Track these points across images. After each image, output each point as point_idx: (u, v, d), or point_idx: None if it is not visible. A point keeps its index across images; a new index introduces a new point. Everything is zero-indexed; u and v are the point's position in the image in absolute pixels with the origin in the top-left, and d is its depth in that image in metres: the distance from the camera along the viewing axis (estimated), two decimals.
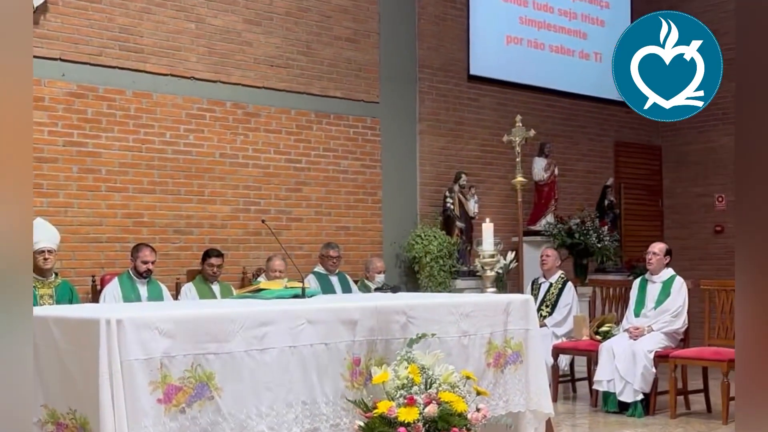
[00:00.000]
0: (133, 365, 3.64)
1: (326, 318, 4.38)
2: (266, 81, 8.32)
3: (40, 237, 6.44)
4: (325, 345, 4.34)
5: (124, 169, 7.39)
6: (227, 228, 8.02)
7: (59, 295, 6.49)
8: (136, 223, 7.45)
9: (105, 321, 3.64)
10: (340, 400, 4.33)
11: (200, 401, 3.81)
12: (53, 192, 6.98)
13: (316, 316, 4.35)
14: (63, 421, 3.79)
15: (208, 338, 3.92)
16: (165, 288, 7.14)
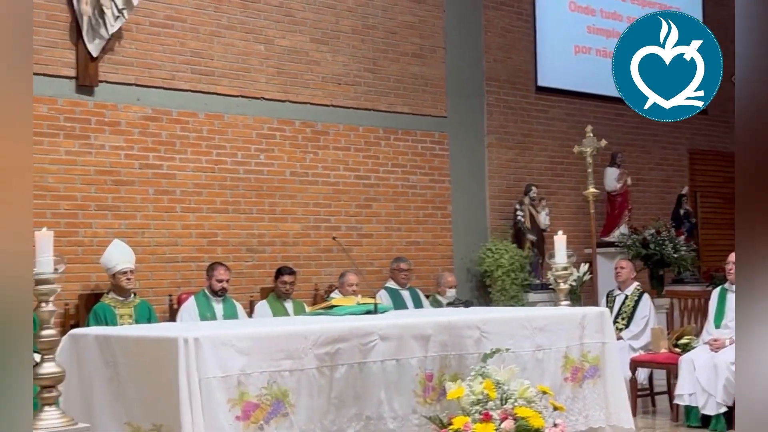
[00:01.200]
0: (212, 383, 3.71)
1: (398, 334, 4.39)
2: (334, 99, 8.41)
3: (119, 258, 6.62)
4: (396, 361, 4.35)
5: (197, 190, 7.54)
6: (299, 245, 8.10)
7: (138, 315, 6.64)
8: (210, 242, 7.58)
9: (183, 340, 3.72)
10: (412, 416, 4.33)
11: (276, 418, 3.87)
12: (131, 214, 7.16)
13: (388, 331, 4.37)
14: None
15: (282, 355, 3.97)
16: (239, 306, 7.24)
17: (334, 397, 4.07)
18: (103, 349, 4.22)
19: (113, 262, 6.62)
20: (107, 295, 6.65)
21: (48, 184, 6.73)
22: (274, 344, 3.97)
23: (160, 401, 3.79)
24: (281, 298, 7.41)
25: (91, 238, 6.92)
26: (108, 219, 7.03)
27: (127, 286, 6.61)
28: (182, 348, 3.71)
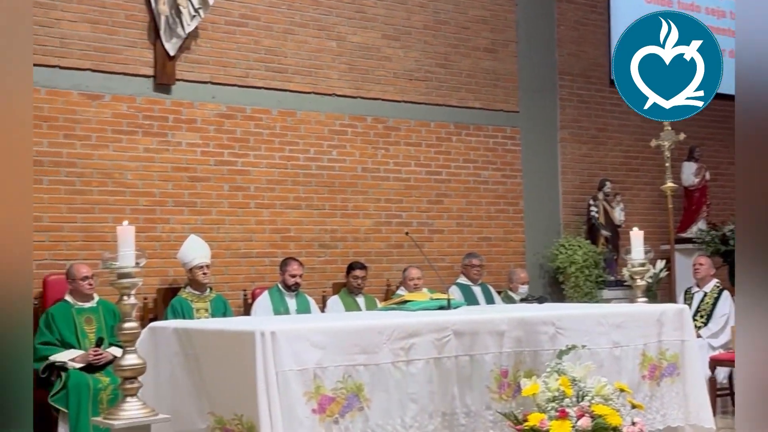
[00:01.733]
0: (288, 376, 3.74)
1: (472, 329, 4.36)
2: (405, 95, 8.41)
3: (196, 254, 6.75)
4: (470, 357, 4.32)
5: (271, 186, 7.63)
6: (370, 241, 8.13)
7: (214, 309, 6.76)
8: (283, 238, 7.67)
9: (260, 333, 3.76)
10: (486, 412, 4.30)
11: (351, 412, 3.87)
12: (206, 210, 7.29)
13: (463, 327, 4.34)
14: (229, 426, 3.93)
15: (357, 349, 3.98)
16: (312, 301, 7.31)
17: (411, 392, 4.06)
18: (182, 342, 4.30)
19: (190, 257, 6.75)
20: (184, 289, 6.79)
21: (127, 181, 6.90)
22: (349, 338, 3.98)
23: (240, 393, 3.84)
24: (353, 293, 7.46)
25: (169, 233, 7.07)
26: (185, 215, 7.17)
27: (204, 281, 6.74)
28: (259, 341, 3.74)
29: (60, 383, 5.81)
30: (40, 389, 5.99)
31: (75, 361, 5.95)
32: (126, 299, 3.94)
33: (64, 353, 6.00)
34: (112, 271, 3.97)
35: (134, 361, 3.93)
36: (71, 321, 6.15)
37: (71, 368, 5.88)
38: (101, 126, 6.82)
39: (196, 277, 6.72)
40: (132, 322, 3.94)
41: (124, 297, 3.94)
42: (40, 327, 6.11)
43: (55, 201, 6.59)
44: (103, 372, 5.96)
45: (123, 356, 3.94)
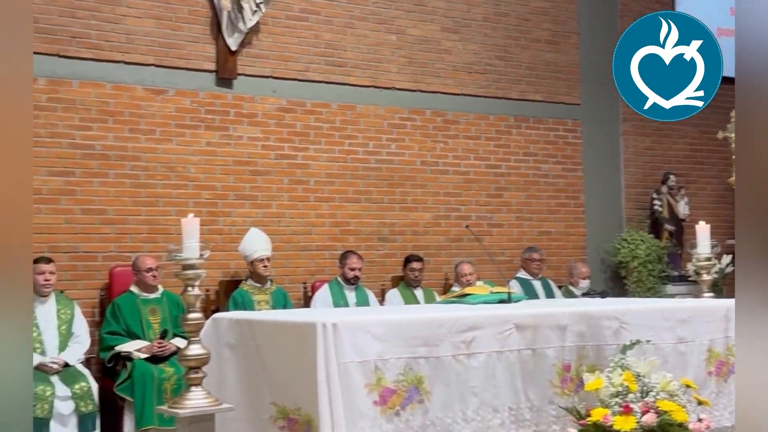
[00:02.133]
0: (349, 367, 3.75)
1: (534, 323, 4.33)
2: (465, 88, 8.36)
3: (257, 246, 6.83)
4: (532, 351, 4.29)
5: (330, 180, 7.67)
6: (429, 234, 8.12)
7: (275, 301, 6.83)
8: (342, 231, 7.70)
9: (321, 325, 3.78)
10: (549, 407, 4.26)
11: (412, 404, 3.88)
12: (267, 203, 7.36)
13: (524, 321, 4.31)
14: (293, 416, 3.97)
15: (418, 342, 3.98)
16: (371, 294, 7.33)
17: (472, 386, 4.04)
18: (244, 333, 4.35)
19: (251, 250, 6.83)
20: (245, 282, 6.87)
21: (190, 174, 7.01)
22: (409, 331, 3.98)
23: (300, 384, 3.87)
24: (411, 285, 7.47)
25: (230, 226, 7.16)
26: (246, 208, 7.25)
27: (264, 273, 6.81)
28: (320, 333, 3.76)
29: (125, 373, 5.95)
30: (106, 378, 6.14)
31: (140, 351, 6.08)
32: (190, 290, 3.99)
33: (129, 344, 6.13)
34: (177, 263, 4.03)
35: (198, 351, 3.98)
36: (136, 311, 6.28)
37: (136, 358, 6.01)
38: (165, 120, 6.93)
39: (256, 270, 6.80)
40: (196, 313, 3.99)
41: (188, 288, 3.99)
42: (107, 317, 6.26)
43: (120, 194, 6.73)
44: (167, 362, 6.08)
45: (187, 346, 4.00)
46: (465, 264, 7.54)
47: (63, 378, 5.68)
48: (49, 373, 5.70)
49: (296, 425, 3.94)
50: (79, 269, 6.52)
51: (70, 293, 6.35)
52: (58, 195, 6.48)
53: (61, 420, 5.55)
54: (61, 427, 5.55)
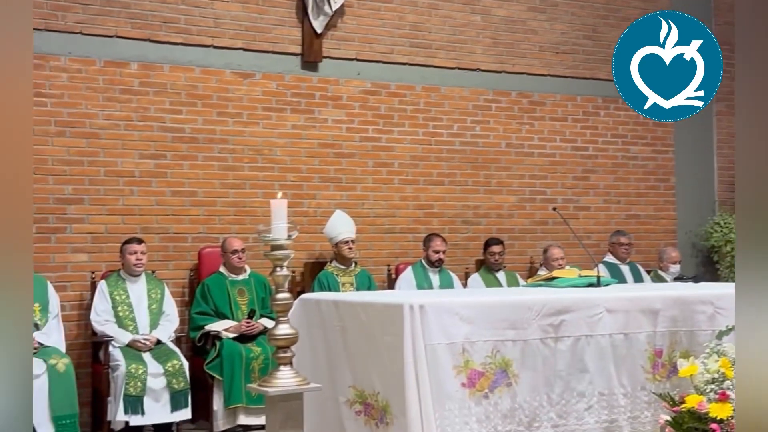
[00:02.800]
0: (437, 349, 3.76)
1: (626, 307, 4.26)
2: (551, 68, 8.23)
3: (342, 228, 6.88)
4: (624, 335, 4.23)
5: (414, 162, 7.65)
6: (514, 218, 8.04)
7: (359, 283, 6.87)
8: (426, 214, 7.68)
9: (408, 306, 3.80)
10: (640, 393, 4.19)
11: (500, 387, 3.87)
12: (351, 186, 7.39)
13: (615, 305, 4.24)
14: (370, 401, 4.00)
15: (505, 325, 3.96)
16: (455, 277, 7.31)
17: (560, 369, 4.00)
18: (330, 314, 4.40)
19: (336, 232, 6.89)
20: (330, 264, 6.93)
21: (276, 157, 7.09)
22: (497, 313, 3.96)
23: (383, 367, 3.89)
24: (492, 269, 7.41)
25: (315, 208, 7.22)
26: (330, 190, 7.30)
27: (349, 255, 6.86)
28: (408, 314, 3.78)
29: (215, 352, 6.08)
30: (196, 357, 6.29)
31: (228, 331, 6.20)
32: (279, 270, 4.02)
33: (218, 323, 6.27)
34: (265, 243, 4.07)
35: (287, 330, 4.01)
36: (225, 292, 6.41)
37: (225, 338, 6.13)
38: (252, 104, 7.02)
39: (341, 252, 6.85)
40: (285, 293, 4.02)
41: (277, 268, 4.02)
42: (197, 297, 6.41)
43: (209, 176, 6.85)
44: (255, 342, 6.19)
45: (276, 326, 4.03)
46: (555, 248, 7.43)
47: (155, 356, 5.84)
48: (142, 350, 5.86)
49: (372, 410, 3.97)
50: (170, 250, 6.68)
51: (160, 273, 6.52)
52: (149, 177, 6.64)
53: (154, 396, 5.71)
54: (154, 403, 5.71)
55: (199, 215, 6.80)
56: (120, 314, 6.02)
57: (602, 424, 4.09)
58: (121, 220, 6.52)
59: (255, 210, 6.93)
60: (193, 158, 6.80)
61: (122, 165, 6.56)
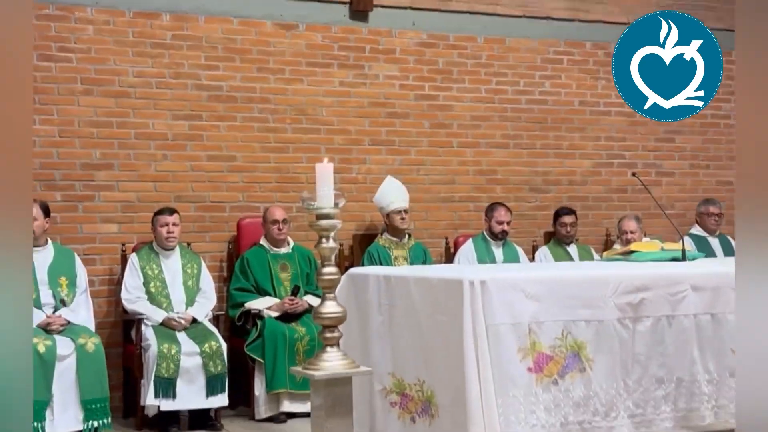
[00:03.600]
0: (500, 330, 3.75)
1: (714, 284, 4.21)
2: (631, 15, 8.04)
3: (394, 197, 6.90)
4: (711, 315, 4.18)
5: (476, 123, 7.60)
6: (588, 185, 7.95)
7: (413, 257, 6.89)
8: (489, 180, 7.65)
9: (469, 282, 3.79)
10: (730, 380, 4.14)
11: (572, 373, 3.85)
12: (405, 149, 7.39)
13: (702, 281, 4.19)
14: (409, 392, 4.03)
15: (578, 303, 3.93)
16: (521, 251, 7.28)
17: (639, 353, 3.97)
18: (380, 290, 4.42)
19: (387, 201, 6.90)
20: (381, 236, 6.95)
21: (322, 117, 7.11)
22: (568, 291, 3.94)
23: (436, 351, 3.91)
24: (562, 242, 7.36)
25: (365, 174, 7.23)
26: (382, 154, 7.30)
27: (402, 227, 6.87)
28: (468, 291, 3.78)
29: (256, 332, 6.15)
30: (235, 337, 6.37)
31: (270, 309, 6.27)
32: (325, 242, 4.04)
33: (259, 300, 6.34)
34: (310, 213, 4.09)
35: (334, 308, 4.04)
36: (266, 267, 6.47)
37: (267, 317, 6.20)
38: (295, 58, 7.03)
39: (393, 223, 6.86)
40: (332, 267, 4.05)
41: (323, 240, 4.04)
42: (236, 272, 6.49)
43: (248, 139, 6.90)
44: (299, 321, 6.25)
45: (322, 303, 4.06)
46: (629, 220, 7.34)
47: (191, 335, 5.93)
48: (177, 329, 5.95)
49: (409, 403, 4.00)
50: (206, 221, 6.76)
51: (196, 246, 6.60)
52: (183, 140, 6.71)
53: (189, 378, 5.78)
54: (188, 386, 5.78)
55: (238, 182, 6.86)
56: (152, 291, 6.11)
57: (679, 413, 4.05)
58: (154, 187, 6.61)
59: (299, 176, 6.97)
60: (231, 119, 6.84)
61: (154, 127, 6.64)
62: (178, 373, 5.74)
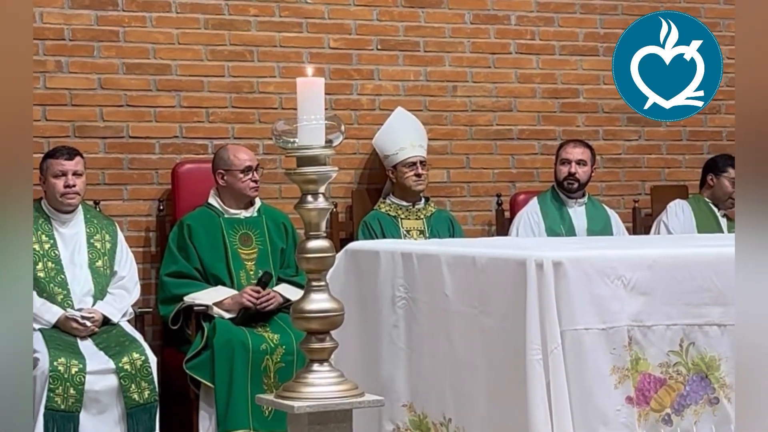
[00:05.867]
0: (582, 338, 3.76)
1: None
2: None
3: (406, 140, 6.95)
4: None
5: (546, 15, 7.75)
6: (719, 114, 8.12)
7: (433, 231, 6.90)
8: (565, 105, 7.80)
9: (534, 263, 3.78)
10: None
11: (696, 407, 3.86)
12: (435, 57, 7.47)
13: None
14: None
15: (707, 299, 3.93)
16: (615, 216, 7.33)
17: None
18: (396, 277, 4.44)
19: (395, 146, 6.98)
20: (384, 199, 6.99)
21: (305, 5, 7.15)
22: (691, 279, 3.94)
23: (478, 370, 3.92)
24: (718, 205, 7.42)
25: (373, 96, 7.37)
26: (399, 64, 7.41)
27: (417, 187, 6.93)
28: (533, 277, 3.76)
29: (201, 341, 6.17)
30: (169, 348, 6.41)
31: (223, 306, 6.28)
32: (311, 201, 4.04)
33: (206, 292, 6.36)
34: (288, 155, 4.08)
35: (325, 305, 4.03)
36: (219, 239, 6.48)
37: (218, 317, 6.22)
38: None
39: (403, 181, 6.90)
40: (321, 240, 4.05)
41: (308, 198, 4.04)
42: (169, 247, 6.50)
43: (189, 40, 6.92)
44: (269, 325, 6.27)
45: (306, 297, 4.07)
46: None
47: (102, 344, 5.95)
48: (79, 335, 5.98)
49: None
50: (124, 166, 6.78)
51: (108, 207, 6.64)
52: (88, 41, 6.73)
53: (98, 408, 5.81)
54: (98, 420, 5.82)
55: (175, 106, 6.88)
56: (41, 276, 6.12)
57: None
58: (42, 113, 6.61)
59: (268, 98, 7.02)
60: (164, 8, 6.85)
61: (43, 20, 6.63)
62: (81, 404, 5.78)
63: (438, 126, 7.28)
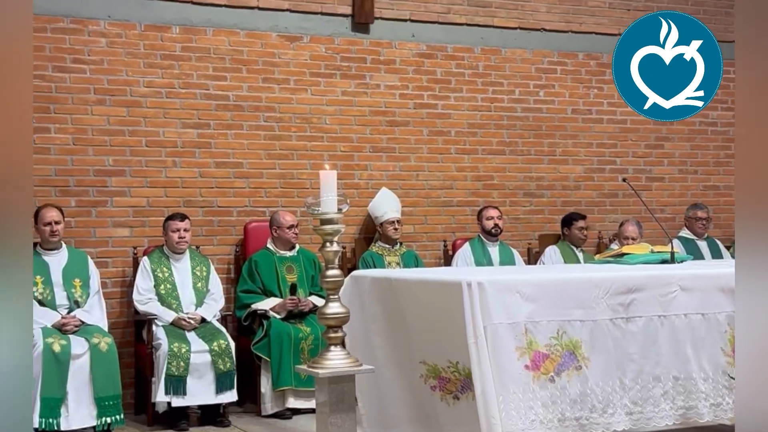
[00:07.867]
0: (498, 329, 3.75)
1: (702, 285, 4.21)
2: (622, 27, 8.04)
3: (387, 208, 6.96)
4: (702, 315, 4.18)
5: (472, 130, 7.60)
6: (581, 190, 7.95)
7: (405, 264, 6.88)
8: (485, 185, 7.64)
9: (467, 284, 3.79)
10: (721, 377, 4.14)
11: (568, 371, 3.85)
12: (405, 156, 7.37)
13: (691, 282, 4.19)
14: (444, 374, 4.02)
15: (572, 304, 3.93)
16: (516, 253, 7.27)
17: (633, 352, 3.97)
18: (384, 292, 4.42)
19: (381, 211, 6.95)
20: (375, 243, 6.98)
21: (325, 126, 7.11)
22: (562, 292, 3.94)
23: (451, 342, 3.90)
24: (577, 245, 7.34)
25: (367, 180, 7.23)
26: (383, 161, 7.30)
27: (394, 237, 6.91)
28: (466, 292, 3.78)
29: (262, 332, 6.15)
30: (242, 337, 6.37)
31: (275, 310, 6.26)
32: (329, 246, 4.06)
33: (265, 301, 6.34)
34: (314, 218, 4.10)
35: (338, 309, 4.06)
36: (273, 269, 6.47)
37: (272, 317, 6.20)
38: (299, 69, 7.03)
39: (386, 232, 6.89)
40: (335, 269, 4.07)
41: (327, 243, 4.07)
42: (243, 275, 6.48)
43: (254, 147, 6.90)
44: (304, 321, 6.25)
45: (326, 304, 4.08)
46: (631, 225, 7.32)
47: (200, 334, 5.93)
48: (186, 329, 5.96)
49: (448, 384, 3.98)
50: (214, 225, 6.76)
51: (204, 249, 6.61)
52: (192, 148, 6.71)
53: (198, 375, 5.79)
54: (198, 383, 5.79)
55: (245, 188, 6.86)
56: (163, 293, 6.11)
57: (678, 411, 4.04)
58: (164, 192, 6.61)
59: (303, 182, 6.98)
60: (238, 127, 6.85)
61: (164, 135, 6.64)
62: (188, 371, 5.74)
63: (407, 198, 7.25)
